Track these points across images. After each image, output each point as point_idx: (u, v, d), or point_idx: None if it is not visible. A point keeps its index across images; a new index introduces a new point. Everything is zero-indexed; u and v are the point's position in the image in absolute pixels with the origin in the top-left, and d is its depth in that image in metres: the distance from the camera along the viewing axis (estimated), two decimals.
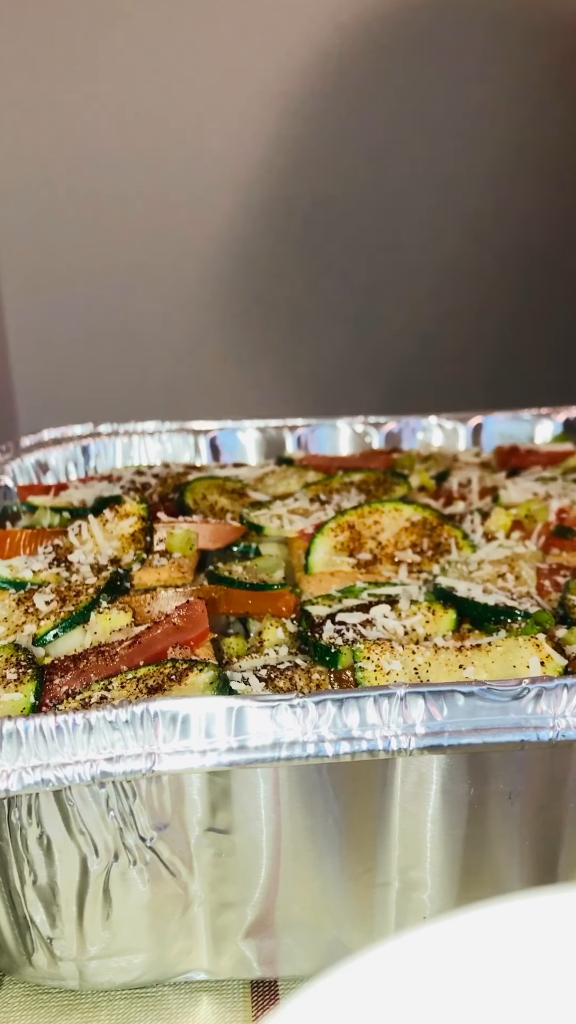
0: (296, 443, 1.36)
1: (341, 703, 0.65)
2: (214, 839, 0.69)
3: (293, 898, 0.72)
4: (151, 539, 1.00)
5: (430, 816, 0.70)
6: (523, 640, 0.78)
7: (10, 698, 0.75)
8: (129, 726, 0.63)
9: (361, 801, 0.69)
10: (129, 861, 0.69)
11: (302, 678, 0.77)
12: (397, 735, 0.64)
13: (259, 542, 1.05)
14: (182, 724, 0.63)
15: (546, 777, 0.69)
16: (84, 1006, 0.75)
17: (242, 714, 0.64)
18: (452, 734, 0.65)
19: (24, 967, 0.75)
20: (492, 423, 1.37)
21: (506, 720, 0.65)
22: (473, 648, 0.78)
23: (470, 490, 1.15)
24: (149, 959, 0.74)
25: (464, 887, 0.73)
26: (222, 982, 0.77)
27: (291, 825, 0.69)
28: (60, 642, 0.84)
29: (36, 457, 1.26)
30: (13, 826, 0.67)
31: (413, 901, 0.73)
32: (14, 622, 0.86)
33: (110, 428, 1.33)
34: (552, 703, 0.66)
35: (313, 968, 0.76)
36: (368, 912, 0.74)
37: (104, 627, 0.84)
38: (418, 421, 1.38)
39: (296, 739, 0.64)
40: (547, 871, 0.73)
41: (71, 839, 0.67)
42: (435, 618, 0.85)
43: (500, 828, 0.71)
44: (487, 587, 0.89)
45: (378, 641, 0.79)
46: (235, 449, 1.35)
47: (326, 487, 1.13)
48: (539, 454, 1.26)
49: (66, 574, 0.94)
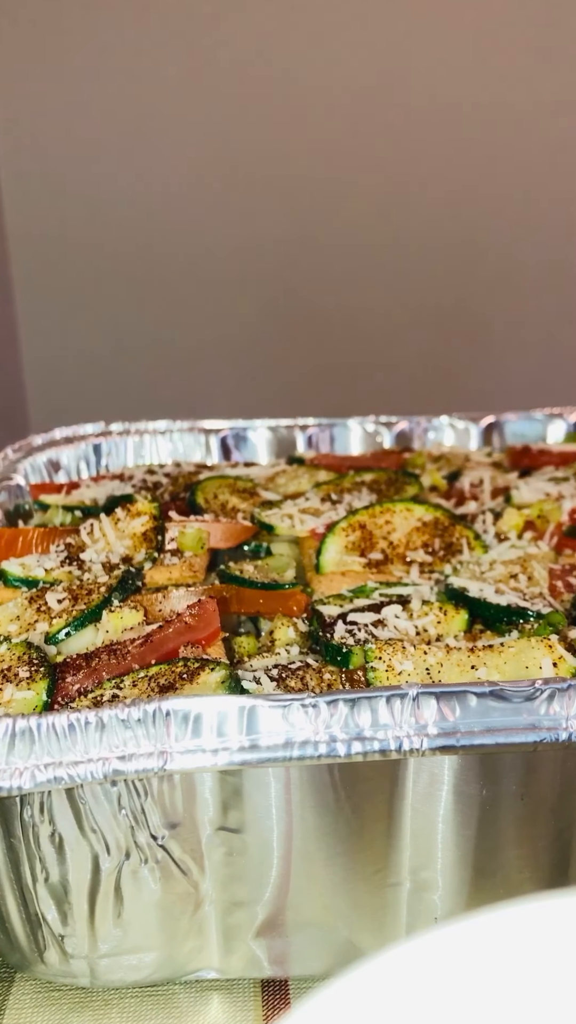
0: (307, 442, 1.35)
1: (353, 703, 0.64)
2: (225, 838, 0.69)
3: (304, 898, 0.72)
4: (163, 538, 1.00)
5: (441, 817, 0.69)
6: (535, 641, 0.77)
7: (22, 696, 0.75)
8: (141, 724, 0.63)
9: (372, 801, 0.69)
10: (140, 859, 0.69)
11: (313, 678, 0.77)
12: (409, 735, 0.64)
13: (270, 541, 1.05)
14: (194, 723, 0.63)
15: (558, 778, 0.69)
16: (95, 1004, 0.75)
17: (254, 713, 0.64)
18: (464, 735, 0.64)
19: (36, 965, 0.75)
20: (504, 423, 1.37)
21: (519, 721, 0.65)
22: (485, 649, 0.78)
23: (482, 490, 1.15)
24: (160, 957, 0.74)
25: (475, 888, 0.73)
26: (233, 981, 0.77)
27: (302, 825, 0.69)
28: (72, 640, 0.84)
29: (48, 456, 1.27)
30: (25, 824, 0.67)
31: (424, 902, 0.73)
32: (26, 620, 0.87)
33: (121, 427, 1.33)
34: (565, 704, 0.65)
35: (324, 968, 0.76)
36: (379, 913, 0.73)
37: (116, 626, 0.84)
38: (429, 421, 1.37)
39: (308, 739, 0.64)
40: (559, 873, 0.73)
41: (83, 837, 0.67)
42: (447, 618, 0.85)
43: (512, 829, 0.71)
44: (499, 588, 0.88)
45: (390, 641, 0.79)
46: (246, 448, 1.35)
47: (337, 487, 1.13)
48: (551, 454, 1.25)
49: (78, 572, 0.94)
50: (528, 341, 2.13)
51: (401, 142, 1.99)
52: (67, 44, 1.91)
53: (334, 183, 2.03)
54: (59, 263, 2.08)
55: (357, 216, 2.05)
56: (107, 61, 1.93)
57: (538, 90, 1.97)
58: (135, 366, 2.16)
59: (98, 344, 2.15)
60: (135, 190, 2.04)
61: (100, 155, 2.01)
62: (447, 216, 2.04)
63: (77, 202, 2.04)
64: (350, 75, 1.95)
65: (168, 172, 2.02)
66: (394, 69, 1.95)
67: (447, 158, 2.01)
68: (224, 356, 2.17)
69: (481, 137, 2.00)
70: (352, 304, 2.12)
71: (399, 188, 2.03)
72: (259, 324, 2.14)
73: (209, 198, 2.04)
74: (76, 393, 2.17)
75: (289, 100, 1.97)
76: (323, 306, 2.12)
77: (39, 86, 1.95)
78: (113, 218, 2.06)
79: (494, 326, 2.13)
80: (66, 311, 2.12)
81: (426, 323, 2.13)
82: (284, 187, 2.04)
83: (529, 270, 2.08)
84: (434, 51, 1.94)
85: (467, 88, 1.97)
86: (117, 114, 1.98)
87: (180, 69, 1.94)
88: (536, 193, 2.04)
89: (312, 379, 2.15)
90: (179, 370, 2.17)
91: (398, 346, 2.15)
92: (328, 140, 1.99)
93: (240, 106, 1.97)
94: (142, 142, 2.00)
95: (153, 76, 1.95)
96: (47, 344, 2.15)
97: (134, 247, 2.08)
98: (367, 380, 2.15)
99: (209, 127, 1.99)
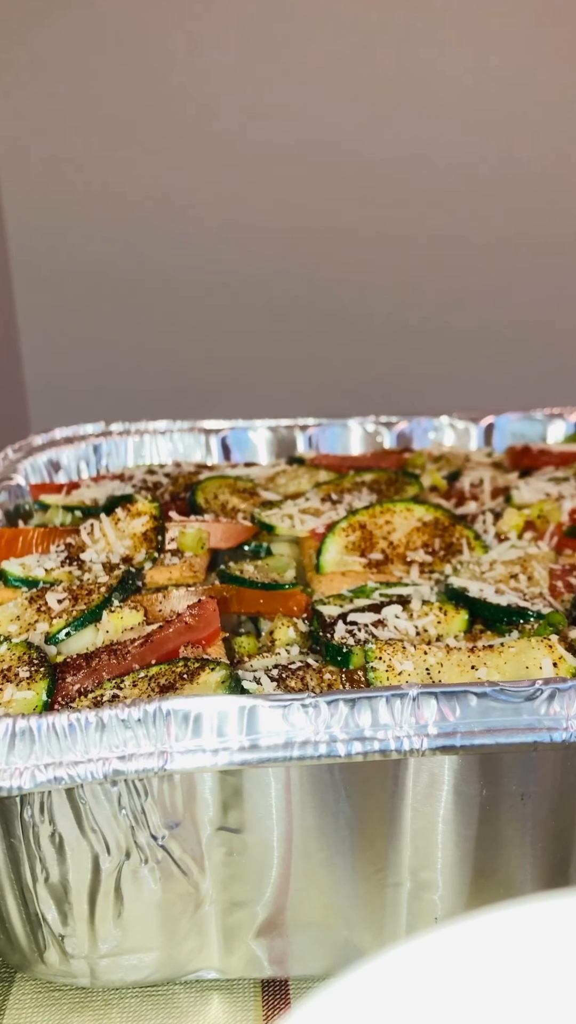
0: (307, 442, 1.35)
1: (353, 703, 0.64)
2: (225, 838, 0.69)
3: (304, 898, 0.72)
4: (163, 538, 1.00)
5: (442, 817, 0.69)
6: (536, 641, 0.77)
7: (23, 696, 0.75)
8: (141, 724, 0.63)
9: (373, 801, 0.69)
10: (141, 859, 0.69)
11: (314, 678, 0.77)
12: (409, 735, 0.64)
13: (270, 541, 1.05)
14: (194, 723, 0.64)
15: (558, 778, 0.69)
16: (95, 1004, 0.75)
17: (254, 713, 0.64)
18: (464, 735, 0.64)
19: (36, 965, 0.75)
20: (504, 423, 1.37)
21: (519, 721, 0.65)
22: (485, 649, 0.78)
23: (482, 490, 1.15)
24: (160, 957, 0.74)
25: (476, 888, 0.73)
26: (233, 981, 0.77)
27: (302, 825, 0.69)
28: (72, 640, 0.84)
29: (48, 456, 1.27)
30: (25, 824, 0.67)
31: (424, 902, 0.73)
32: (27, 620, 0.87)
33: (121, 427, 1.33)
34: (565, 704, 0.65)
35: (324, 968, 0.76)
36: (379, 913, 0.73)
37: (116, 626, 0.84)
38: (430, 421, 1.37)
39: (308, 739, 0.64)
40: (559, 873, 0.73)
41: (83, 837, 0.67)
42: (447, 619, 0.85)
43: (512, 829, 0.71)
44: (499, 588, 0.88)
45: (390, 641, 0.79)
46: (246, 448, 1.35)
47: (337, 487, 1.13)
48: (552, 454, 1.25)
49: (78, 573, 0.94)
50: (528, 341, 2.13)
51: (401, 142, 1.99)
52: (67, 44, 1.92)
53: (335, 184, 2.03)
54: (59, 263, 2.08)
55: (357, 216, 2.05)
56: (107, 61, 1.93)
57: (542, 88, 1.97)
58: (135, 366, 2.16)
59: (98, 344, 2.15)
60: (135, 190, 2.04)
61: (100, 155, 2.01)
62: (447, 216, 2.04)
63: (77, 202, 2.04)
64: (352, 71, 1.95)
65: (168, 172, 2.03)
66: (398, 63, 1.95)
67: (447, 159, 2.01)
68: (224, 356, 2.17)
69: (483, 138, 2.00)
70: (353, 304, 2.12)
71: (399, 189, 2.03)
72: (259, 324, 2.14)
73: (209, 197, 2.04)
74: (76, 393, 2.17)
75: (289, 99, 1.97)
76: (323, 306, 2.12)
77: (39, 86, 1.95)
78: (113, 218, 2.06)
79: (494, 326, 2.13)
80: (66, 311, 2.12)
81: (426, 323, 2.13)
82: (284, 187, 2.04)
83: (530, 270, 2.08)
84: (437, 45, 1.95)
85: (472, 84, 1.97)
86: (117, 114, 1.98)
87: (180, 67, 1.95)
88: (538, 193, 2.04)
89: (312, 379, 2.15)
90: (179, 370, 2.17)
91: (398, 346, 2.15)
92: (328, 142, 2.00)
93: (240, 106, 1.97)
94: (142, 142, 2.00)
95: (153, 76, 1.95)
96: (47, 344, 2.15)
97: (134, 247, 2.08)
98: (367, 380, 2.14)
99: (209, 128, 1.99)
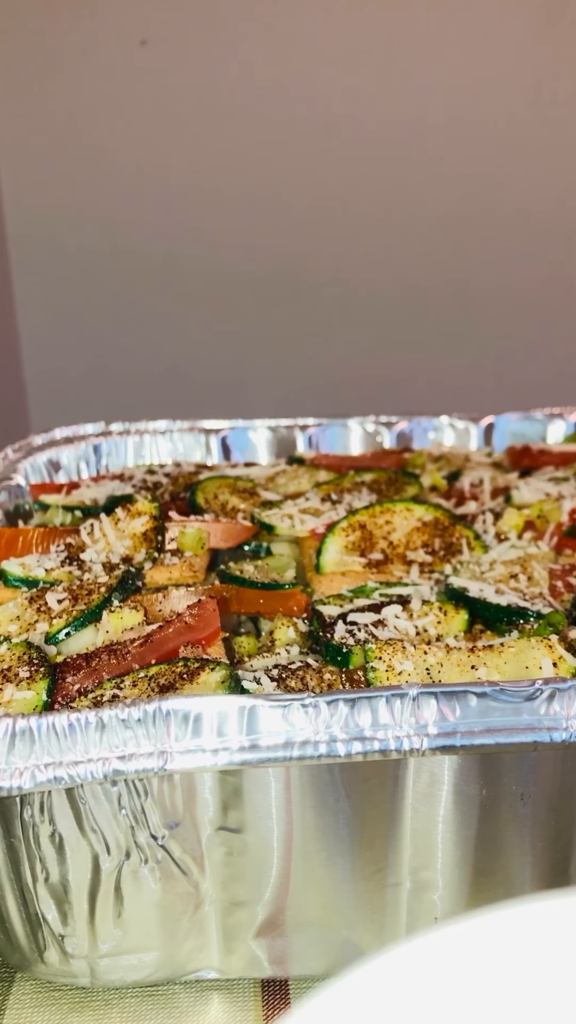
0: (307, 442, 1.35)
1: (353, 703, 0.64)
2: (225, 838, 0.69)
3: (304, 898, 0.72)
4: (163, 538, 1.00)
5: (442, 817, 0.69)
6: (535, 641, 0.77)
7: (22, 696, 0.75)
8: (141, 724, 0.63)
9: (373, 801, 0.69)
10: (140, 859, 0.69)
11: (313, 678, 0.77)
12: (409, 735, 0.64)
13: (270, 541, 1.05)
14: (194, 723, 0.63)
15: (558, 778, 0.69)
16: (95, 1004, 0.75)
17: (254, 713, 0.64)
18: (464, 735, 0.64)
19: (36, 965, 0.75)
20: (504, 423, 1.37)
21: (519, 721, 0.65)
22: (485, 649, 0.78)
23: (482, 490, 1.15)
24: (160, 957, 0.74)
25: (476, 888, 0.73)
26: (233, 981, 0.77)
27: (302, 824, 0.69)
28: (72, 640, 0.84)
29: (48, 456, 1.27)
30: (25, 824, 0.67)
31: (424, 902, 0.73)
32: (27, 620, 0.87)
33: (121, 427, 1.33)
34: (565, 704, 0.65)
35: (324, 968, 0.76)
36: (379, 912, 0.73)
37: (116, 626, 0.84)
38: (429, 421, 1.37)
39: (308, 739, 0.64)
40: (559, 873, 0.73)
41: (83, 837, 0.67)
42: (447, 619, 0.85)
43: (512, 829, 0.71)
44: (499, 588, 0.88)
45: (390, 641, 0.79)
46: (246, 448, 1.35)
47: (337, 487, 1.13)
48: (551, 454, 1.25)
49: (78, 573, 0.94)
50: (528, 341, 2.13)
51: (401, 143, 1.99)
52: (68, 44, 1.92)
53: (335, 183, 2.03)
54: (59, 263, 2.08)
55: (357, 216, 2.05)
56: (107, 61, 1.93)
57: (542, 87, 1.97)
58: (135, 366, 2.16)
59: (98, 344, 2.15)
60: (135, 190, 2.04)
61: (100, 155, 2.01)
62: (448, 216, 2.04)
63: (77, 202, 2.04)
64: (349, 71, 1.95)
65: (168, 172, 2.03)
66: (395, 63, 1.95)
67: (447, 159, 2.01)
68: (224, 356, 2.17)
69: (483, 137, 2.00)
70: (353, 304, 2.12)
71: (399, 189, 2.03)
72: (259, 324, 2.14)
73: (209, 197, 2.04)
74: (76, 393, 2.17)
75: (289, 101, 1.97)
76: (324, 306, 2.12)
77: (39, 86, 1.95)
78: (113, 218, 2.06)
79: (495, 326, 2.13)
80: (66, 311, 2.12)
81: (427, 323, 2.13)
82: (284, 186, 2.04)
83: (530, 270, 2.08)
84: (435, 48, 1.95)
85: (471, 83, 1.97)
86: (116, 114, 1.98)
87: (180, 67, 1.95)
88: (538, 192, 2.04)
89: (312, 378, 2.15)
90: (179, 370, 2.17)
91: (399, 346, 2.15)
92: (327, 142, 2.00)
93: (240, 108, 1.97)
94: (142, 143, 2.01)
95: (153, 76, 1.95)
96: (47, 344, 2.15)
97: (134, 247, 2.08)
98: (367, 380, 2.15)
99: (209, 129, 1.99)
